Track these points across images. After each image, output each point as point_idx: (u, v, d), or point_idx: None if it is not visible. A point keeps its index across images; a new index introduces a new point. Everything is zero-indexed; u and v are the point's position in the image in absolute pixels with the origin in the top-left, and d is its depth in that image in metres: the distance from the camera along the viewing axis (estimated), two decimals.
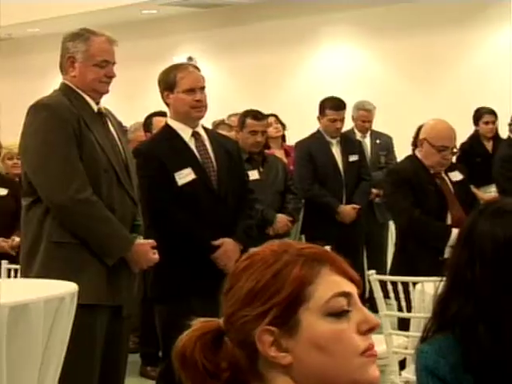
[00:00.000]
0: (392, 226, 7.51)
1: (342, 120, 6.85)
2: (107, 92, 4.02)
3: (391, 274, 4.81)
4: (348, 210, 6.72)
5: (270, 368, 1.42)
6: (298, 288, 1.40)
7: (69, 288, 3.51)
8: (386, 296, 4.32)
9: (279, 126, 7.73)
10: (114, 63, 4.00)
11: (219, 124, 7.48)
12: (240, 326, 1.42)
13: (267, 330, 1.40)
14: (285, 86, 11.35)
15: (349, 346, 1.40)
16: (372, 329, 1.43)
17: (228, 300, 1.45)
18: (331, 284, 1.42)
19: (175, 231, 4.35)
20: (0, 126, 6.78)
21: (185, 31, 12.26)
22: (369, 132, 7.91)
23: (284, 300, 1.40)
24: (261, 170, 6.14)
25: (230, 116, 8.11)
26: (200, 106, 4.43)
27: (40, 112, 3.87)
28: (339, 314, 1.41)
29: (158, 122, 6.11)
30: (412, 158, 5.04)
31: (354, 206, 6.74)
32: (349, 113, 7.68)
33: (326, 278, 1.42)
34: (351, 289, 1.44)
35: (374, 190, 7.39)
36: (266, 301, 1.40)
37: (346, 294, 1.42)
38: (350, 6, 10.59)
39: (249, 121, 6.12)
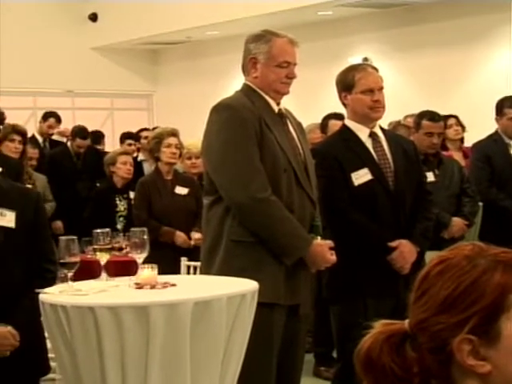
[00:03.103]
0: None
1: None
2: (288, 93, 4.06)
3: None
4: None
5: (465, 375, 1.39)
6: (500, 296, 1.37)
7: (250, 286, 3.56)
8: None
9: (459, 128, 7.59)
10: (295, 64, 4.03)
11: (396, 126, 7.41)
12: (435, 332, 1.39)
13: (466, 339, 1.37)
14: (463, 86, 11.10)
15: None
16: None
17: (421, 305, 1.42)
18: None
19: (351, 231, 4.33)
20: (180, 127, 6.94)
21: (360, 32, 12.21)
22: None
23: (485, 308, 1.36)
24: (436, 172, 6.03)
25: (406, 117, 8.02)
26: (378, 107, 4.41)
27: (222, 112, 3.95)
28: None
29: (333, 126, 6.13)
30: None
31: None
32: None
33: None
34: None
35: None
36: (465, 309, 1.37)
37: None
38: None
39: (425, 122, 6.03)
